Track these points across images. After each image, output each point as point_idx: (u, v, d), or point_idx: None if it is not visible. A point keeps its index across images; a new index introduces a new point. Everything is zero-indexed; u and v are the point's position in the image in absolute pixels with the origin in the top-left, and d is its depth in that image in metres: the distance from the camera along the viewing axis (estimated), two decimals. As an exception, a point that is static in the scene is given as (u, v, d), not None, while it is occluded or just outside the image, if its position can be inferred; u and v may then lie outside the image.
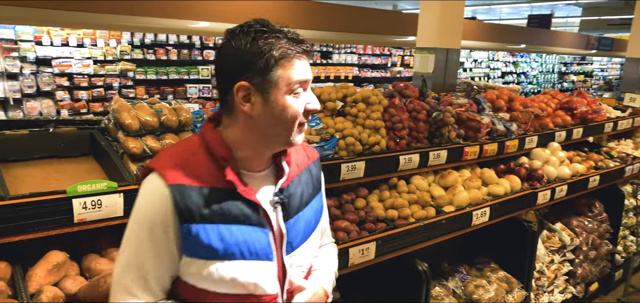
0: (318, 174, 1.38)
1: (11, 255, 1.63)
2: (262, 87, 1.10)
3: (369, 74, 10.55)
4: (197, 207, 1.11)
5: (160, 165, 1.15)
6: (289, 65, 1.10)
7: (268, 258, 1.19)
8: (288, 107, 1.11)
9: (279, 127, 1.14)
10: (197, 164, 1.15)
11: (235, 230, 1.14)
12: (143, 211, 1.14)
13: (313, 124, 2.43)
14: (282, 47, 1.09)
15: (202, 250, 1.12)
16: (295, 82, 1.11)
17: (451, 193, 2.73)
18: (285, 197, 1.22)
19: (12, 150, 1.98)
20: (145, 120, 1.95)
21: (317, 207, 1.35)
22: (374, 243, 2.20)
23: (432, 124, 2.83)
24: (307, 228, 1.28)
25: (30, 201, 1.53)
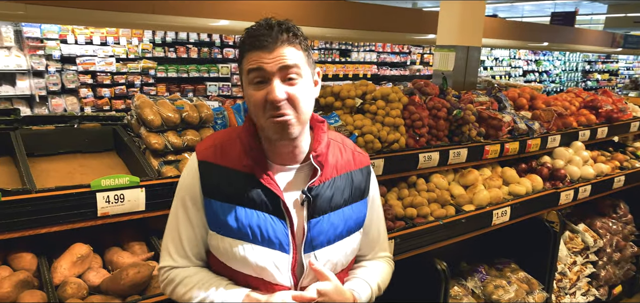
0: (362, 182, 1.35)
1: (37, 247, 1.68)
2: (241, 78, 1.22)
3: (387, 72, 10.50)
4: (219, 185, 1.21)
5: (200, 146, 1.29)
6: (245, 57, 1.16)
7: (282, 248, 1.21)
8: (249, 96, 1.17)
9: (254, 117, 1.20)
10: (231, 148, 1.25)
11: (251, 214, 1.20)
12: (180, 183, 1.30)
13: (332, 121, 2.43)
14: (247, 40, 1.15)
15: (220, 226, 1.22)
16: (247, 71, 1.15)
17: (471, 192, 2.69)
18: (311, 196, 1.23)
19: (39, 145, 2.04)
20: (167, 116, 1.98)
21: (351, 214, 1.31)
22: (393, 241, 2.19)
23: (453, 122, 2.80)
24: (333, 232, 1.26)
25: (55, 195, 1.57)
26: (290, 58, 1.13)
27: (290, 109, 1.14)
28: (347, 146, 1.37)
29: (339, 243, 1.28)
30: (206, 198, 1.23)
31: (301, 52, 1.17)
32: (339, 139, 1.37)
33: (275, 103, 1.12)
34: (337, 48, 9.78)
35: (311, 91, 1.21)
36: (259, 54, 1.12)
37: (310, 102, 1.21)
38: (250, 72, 1.14)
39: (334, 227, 1.26)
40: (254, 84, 1.14)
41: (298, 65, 1.15)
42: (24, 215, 1.52)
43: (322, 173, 1.25)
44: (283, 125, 1.14)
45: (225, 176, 1.22)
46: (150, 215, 1.75)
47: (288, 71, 1.13)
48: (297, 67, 1.14)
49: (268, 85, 1.13)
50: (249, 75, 1.15)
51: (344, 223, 1.29)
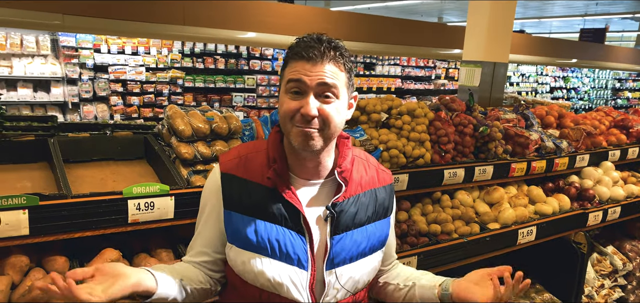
0: (386, 200, 1.35)
1: (70, 251, 1.74)
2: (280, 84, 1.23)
3: (412, 86, 10.47)
4: (241, 197, 1.23)
5: (224, 157, 1.31)
6: (288, 64, 1.18)
7: (301, 265, 1.21)
8: (283, 102, 1.18)
9: (282, 124, 1.22)
10: (256, 161, 1.27)
11: (271, 227, 1.21)
12: (204, 192, 1.33)
13: (357, 135, 2.44)
14: (294, 48, 1.17)
15: (239, 238, 1.22)
16: (287, 80, 1.17)
17: (496, 210, 2.67)
18: (335, 212, 1.23)
19: (74, 152, 2.11)
20: (197, 127, 2.03)
21: (374, 231, 1.31)
22: (416, 257, 2.18)
23: (479, 139, 2.79)
24: (356, 249, 1.26)
25: (90, 200, 1.62)
26: (330, 76, 1.14)
27: (319, 124, 1.16)
28: (371, 163, 1.38)
29: (361, 261, 1.28)
30: (226, 210, 1.25)
31: (343, 73, 1.18)
32: (363, 156, 1.38)
33: (307, 117, 1.13)
34: (362, 61, 9.81)
35: (344, 113, 1.21)
36: (303, 65, 1.14)
37: (341, 123, 1.21)
38: (289, 81, 1.15)
39: (357, 244, 1.26)
40: (291, 92, 1.16)
41: (336, 86, 1.16)
42: (59, 219, 1.57)
43: (346, 189, 1.25)
44: (307, 135, 1.15)
45: (247, 189, 1.23)
46: (179, 223, 1.79)
47: (326, 89, 1.15)
48: (335, 88, 1.15)
49: (303, 98, 1.14)
50: (288, 84, 1.16)
51: (367, 241, 1.28)
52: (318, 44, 1.14)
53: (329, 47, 1.14)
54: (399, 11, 16.78)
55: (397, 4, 14.77)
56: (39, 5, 5.84)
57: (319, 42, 1.14)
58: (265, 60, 8.47)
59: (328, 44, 1.15)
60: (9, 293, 1.53)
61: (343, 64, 1.18)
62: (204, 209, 1.31)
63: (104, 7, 6.25)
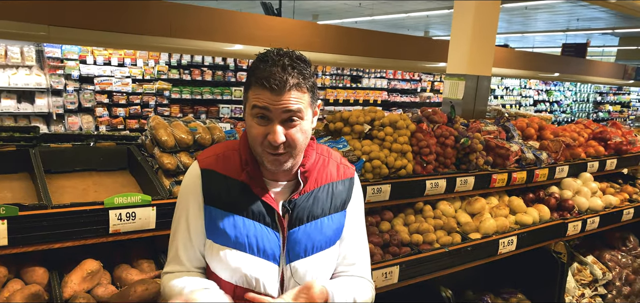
0: (343, 193, 1.36)
1: (49, 262, 1.73)
2: (244, 102, 1.25)
3: (398, 98, 10.57)
4: (220, 193, 1.26)
5: (201, 155, 1.35)
6: (252, 89, 1.20)
7: (275, 260, 1.26)
8: (249, 126, 1.22)
9: (251, 143, 1.25)
10: (231, 159, 1.30)
11: (249, 224, 1.25)
12: (182, 189, 1.34)
13: (340, 146, 2.47)
14: (258, 73, 1.17)
15: (217, 234, 1.26)
16: (252, 105, 1.19)
17: (478, 220, 2.71)
18: (290, 208, 1.28)
19: (56, 162, 2.11)
20: (180, 137, 2.04)
21: (330, 224, 1.33)
22: (398, 267, 2.21)
23: (460, 150, 2.83)
24: (310, 243, 1.29)
25: (70, 211, 1.62)
26: (295, 104, 1.17)
27: (287, 148, 1.21)
28: (332, 158, 1.40)
29: (317, 256, 1.31)
30: (206, 205, 1.27)
31: (306, 95, 1.20)
32: (325, 152, 1.41)
33: (274, 144, 1.17)
34: (348, 74, 9.89)
35: (310, 127, 1.26)
36: (267, 95, 1.15)
37: (308, 137, 1.26)
38: (255, 107, 1.18)
39: (311, 238, 1.29)
40: (256, 117, 1.19)
41: (301, 110, 1.19)
42: (39, 229, 1.57)
43: (305, 186, 1.30)
44: (277, 160, 1.21)
45: (226, 184, 1.27)
46: (160, 234, 1.79)
47: (291, 114, 1.18)
48: (300, 112, 1.19)
49: (269, 124, 1.18)
50: (253, 109, 1.19)
51: (321, 234, 1.31)
52: (282, 73, 1.14)
53: (292, 74, 1.15)
54: (386, 25, 16.99)
55: (384, 18, 14.97)
56: (25, 16, 5.80)
57: (283, 70, 1.15)
58: (252, 72, 8.49)
59: (291, 70, 1.15)
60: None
61: (306, 86, 1.20)
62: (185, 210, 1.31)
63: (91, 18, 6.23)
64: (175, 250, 1.33)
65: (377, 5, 12.87)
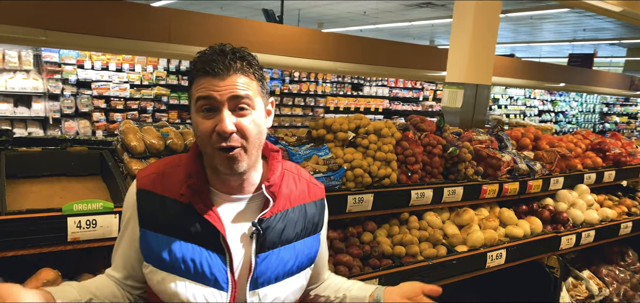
0: (315, 215, 1.29)
1: (6, 271, 1.66)
2: (189, 104, 1.15)
3: (399, 107, 10.49)
4: (155, 215, 1.16)
5: (141, 172, 1.23)
6: (195, 82, 1.11)
7: (218, 285, 1.14)
8: (197, 124, 1.12)
9: (201, 146, 1.14)
10: (173, 176, 1.19)
11: (186, 247, 1.13)
12: (124, 206, 1.26)
13: (322, 153, 2.39)
14: (198, 64, 1.09)
15: (154, 258, 1.15)
16: (197, 98, 1.10)
17: (465, 232, 2.61)
18: (261, 229, 1.16)
19: (23, 167, 2.05)
20: (150, 142, 1.98)
21: (302, 249, 1.25)
22: (376, 280, 2.11)
23: (448, 160, 2.74)
24: (282, 268, 1.19)
25: (24, 218, 1.55)
26: (242, 88, 1.08)
27: (239, 140, 1.10)
28: (302, 177, 1.31)
29: (288, 281, 1.21)
30: (142, 228, 1.18)
31: (254, 82, 1.12)
32: (294, 169, 1.32)
33: (224, 134, 1.07)
34: (349, 82, 9.83)
35: (263, 122, 1.15)
36: (210, 81, 1.07)
37: (262, 133, 1.15)
38: (199, 100, 1.08)
39: (284, 262, 1.19)
40: (202, 111, 1.09)
41: (250, 96, 1.09)
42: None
43: (274, 204, 1.19)
44: (231, 159, 1.10)
45: (163, 206, 1.16)
46: (123, 242, 1.72)
47: (239, 101, 1.08)
48: (248, 98, 1.09)
49: (217, 115, 1.08)
50: (197, 103, 1.09)
51: (294, 259, 1.22)
52: (222, 57, 1.07)
53: (234, 58, 1.08)
54: (391, 34, 16.95)
55: (389, 27, 14.93)
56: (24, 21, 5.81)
57: (223, 55, 1.07)
58: (251, 79, 8.46)
59: (233, 55, 1.08)
60: None
61: (252, 73, 1.11)
62: (123, 223, 1.25)
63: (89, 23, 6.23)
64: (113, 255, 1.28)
65: (381, 14, 12.83)
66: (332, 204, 2.24)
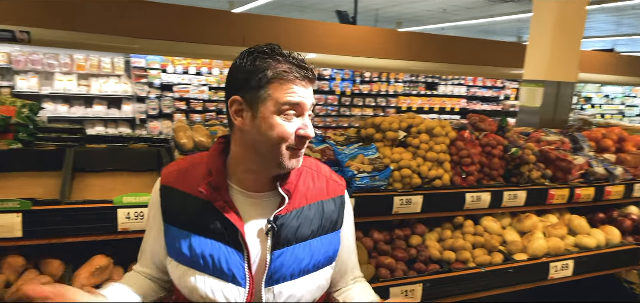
0: (334, 213, 1.27)
1: (68, 255, 1.82)
2: (253, 104, 1.12)
3: (478, 106, 10.00)
4: (177, 211, 1.20)
5: (165, 170, 1.28)
6: (281, 86, 1.10)
7: (236, 282, 1.15)
8: (275, 127, 1.11)
9: (266, 146, 1.13)
10: (195, 174, 1.22)
11: (205, 243, 1.16)
12: (149, 205, 1.31)
13: (370, 153, 2.36)
14: (279, 68, 1.10)
15: (176, 253, 1.19)
16: (284, 103, 1.10)
17: (527, 239, 2.43)
18: (277, 226, 1.16)
19: (91, 162, 2.24)
20: (199, 140, 2.07)
21: (319, 247, 1.23)
22: (421, 285, 2.04)
23: (510, 162, 2.57)
24: (297, 266, 1.19)
25: (81, 208, 1.69)
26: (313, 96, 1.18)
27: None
28: (321, 174, 1.30)
29: (304, 279, 1.20)
30: (165, 224, 1.22)
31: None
32: (314, 166, 1.30)
33: (309, 139, 1.15)
34: (423, 81, 9.56)
35: None
36: (300, 88, 1.12)
37: None
38: (286, 104, 1.10)
39: (299, 260, 1.18)
40: (286, 114, 1.11)
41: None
42: (52, 224, 1.66)
43: (290, 201, 1.19)
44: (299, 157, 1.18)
45: (184, 202, 1.19)
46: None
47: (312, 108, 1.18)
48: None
49: (299, 120, 1.14)
50: (284, 106, 1.10)
51: (310, 257, 1.20)
52: (306, 65, 1.13)
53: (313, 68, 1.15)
54: (474, 31, 16.23)
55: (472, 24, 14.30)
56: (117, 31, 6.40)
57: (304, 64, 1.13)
58: (322, 80, 8.55)
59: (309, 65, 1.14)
60: (3, 291, 1.63)
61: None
62: (149, 219, 1.30)
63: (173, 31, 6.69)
64: (142, 250, 1.34)
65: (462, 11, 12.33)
66: (377, 205, 2.20)
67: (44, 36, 6.06)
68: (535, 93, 5.43)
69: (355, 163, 2.22)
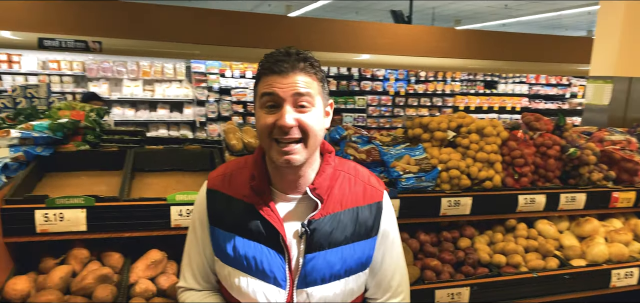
0: (369, 220, 1.27)
1: (128, 249, 1.95)
2: (254, 101, 1.22)
3: (541, 105, 9.53)
4: (223, 213, 1.25)
5: (212, 174, 1.34)
6: (261, 80, 1.17)
7: (277, 283, 1.19)
8: (259, 118, 1.17)
9: (261, 139, 1.20)
10: (239, 178, 1.28)
11: (248, 244, 1.20)
12: (193, 209, 1.37)
13: (416, 153, 2.33)
14: (265, 64, 1.16)
15: (222, 253, 1.25)
16: (262, 94, 1.15)
17: (586, 244, 2.30)
18: (309, 230, 1.19)
19: (149, 162, 2.38)
20: (248, 141, 2.15)
21: (351, 253, 1.24)
22: (469, 288, 1.99)
23: (567, 162, 2.45)
24: (328, 270, 1.21)
25: (138, 204, 1.81)
26: (303, 86, 1.13)
27: (298, 135, 1.14)
28: (359, 179, 1.30)
29: (335, 283, 1.22)
30: (211, 225, 1.27)
31: (316, 83, 1.17)
32: (352, 171, 1.31)
33: (284, 128, 1.12)
34: (482, 79, 9.26)
35: (322, 121, 1.19)
36: (275, 79, 1.13)
37: (320, 131, 1.18)
38: (263, 96, 1.15)
39: (330, 265, 1.20)
40: (266, 107, 1.15)
41: (311, 94, 1.14)
42: (112, 219, 1.79)
43: (323, 206, 1.21)
44: (287, 152, 1.14)
45: (229, 205, 1.24)
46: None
47: (300, 98, 1.13)
48: (309, 96, 1.14)
49: (279, 110, 1.13)
50: (262, 99, 1.15)
51: (342, 263, 1.21)
52: (287, 57, 1.13)
53: (298, 58, 1.13)
54: (539, 26, 15.50)
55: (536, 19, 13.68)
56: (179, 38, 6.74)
57: (288, 55, 1.13)
58: (376, 80, 8.51)
59: (297, 56, 1.14)
60: (70, 280, 1.78)
61: (314, 73, 1.16)
62: (194, 227, 1.34)
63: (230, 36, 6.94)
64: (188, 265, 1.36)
65: (525, 5, 11.81)
66: (424, 206, 2.18)
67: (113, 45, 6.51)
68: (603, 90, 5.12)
69: (400, 164, 2.21)
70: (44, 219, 1.73)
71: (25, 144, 2.12)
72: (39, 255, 1.87)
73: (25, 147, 2.11)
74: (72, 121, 2.38)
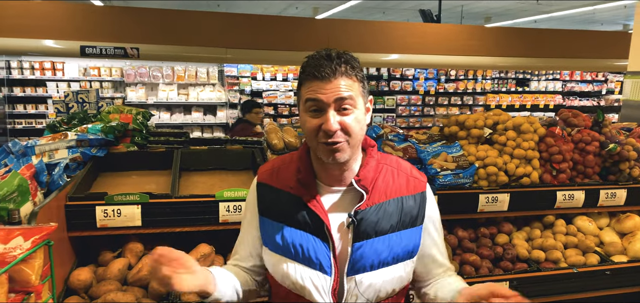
0: (414, 209, 1.32)
1: (179, 244, 2.06)
2: (298, 102, 1.28)
3: (576, 102, 9.32)
4: (271, 204, 1.33)
5: (261, 168, 1.43)
6: (304, 84, 1.22)
7: (323, 270, 1.25)
8: (304, 122, 1.23)
9: (308, 140, 1.26)
10: (286, 171, 1.36)
11: (295, 233, 1.28)
12: (246, 201, 1.45)
13: (453, 151, 2.37)
14: (306, 69, 1.21)
15: (269, 242, 1.33)
16: (306, 99, 1.21)
17: (627, 241, 2.29)
18: (356, 220, 1.25)
19: (194, 162, 2.50)
20: (288, 140, 2.23)
21: (398, 241, 1.29)
22: (508, 283, 2.01)
23: (607, 158, 2.44)
24: (376, 258, 1.27)
25: (188, 201, 1.92)
26: (345, 90, 1.18)
27: (343, 136, 1.20)
28: (402, 171, 1.36)
29: (383, 270, 1.27)
30: (261, 216, 1.36)
31: (356, 84, 1.22)
32: (394, 164, 1.37)
33: (329, 132, 1.18)
34: (513, 77, 9.12)
35: (363, 119, 1.25)
36: (318, 84, 1.18)
37: (362, 129, 1.25)
38: (307, 101, 1.20)
39: (378, 253, 1.26)
40: (310, 111, 1.20)
41: (352, 97, 1.19)
42: (164, 215, 1.90)
43: (369, 197, 1.26)
44: (334, 151, 1.21)
45: (277, 197, 1.32)
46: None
47: (343, 102, 1.18)
48: (351, 99, 1.19)
49: (323, 114, 1.18)
50: (306, 104, 1.20)
51: (389, 250, 1.27)
52: (328, 62, 1.18)
53: (340, 62, 1.18)
54: (572, 22, 15.11)
55: (569, 14, 13.33)
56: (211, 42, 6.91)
57: (329, 60, 1.18)
58: (405, 80, 8.50)
59: (338, 60, 1.18)
60: (126, 272, 1.90)
61: (355, 75, 1.21)
62: (245, 216, 1.45)
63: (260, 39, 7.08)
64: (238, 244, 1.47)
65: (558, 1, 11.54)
66: (461, 203, 2.21)
67: (150, 51, 6.73)
68: (642, 85, 5.01)
69: (437, 161, 2.25)
70: (104, 215, 1.85)
71: (81, 146, 2.26)
72: (98, 248, 2.00)
73: (81, 148, 2.25)
74: (121, 124, 2.52)
